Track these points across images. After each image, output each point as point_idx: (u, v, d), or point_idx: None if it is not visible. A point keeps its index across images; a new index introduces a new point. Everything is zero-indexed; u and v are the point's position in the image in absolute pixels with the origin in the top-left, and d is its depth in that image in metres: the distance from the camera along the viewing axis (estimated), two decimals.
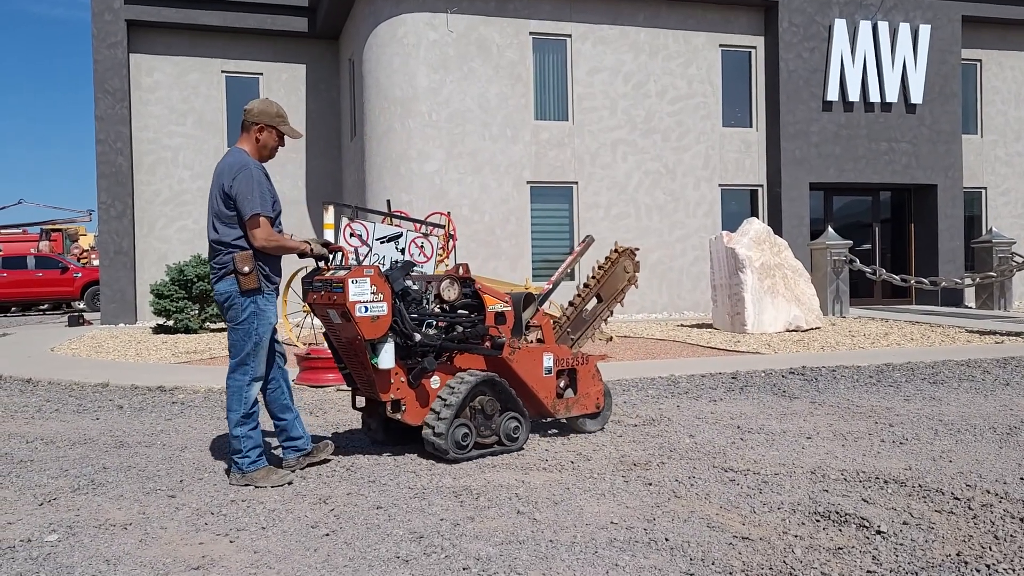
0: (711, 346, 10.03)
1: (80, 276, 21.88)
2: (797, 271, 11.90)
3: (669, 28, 15.16)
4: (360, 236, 7.85)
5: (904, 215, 17.03)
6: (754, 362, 8.46)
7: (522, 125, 14.44)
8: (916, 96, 15.86)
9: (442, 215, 10.08)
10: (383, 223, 8.61)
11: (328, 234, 7.54)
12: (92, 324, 15.57)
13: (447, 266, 8.79)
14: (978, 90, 17.41)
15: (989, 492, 3.72)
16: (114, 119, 15.33)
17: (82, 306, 21.99)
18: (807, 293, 11.82)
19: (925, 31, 15.87)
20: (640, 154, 15.01)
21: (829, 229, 14.65)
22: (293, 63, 16.57)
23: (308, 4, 15.93)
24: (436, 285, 4.74)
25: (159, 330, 12.86)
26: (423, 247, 8.18)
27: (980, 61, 17.35)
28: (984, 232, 16.48)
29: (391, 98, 14.00)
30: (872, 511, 3.49)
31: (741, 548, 3.10)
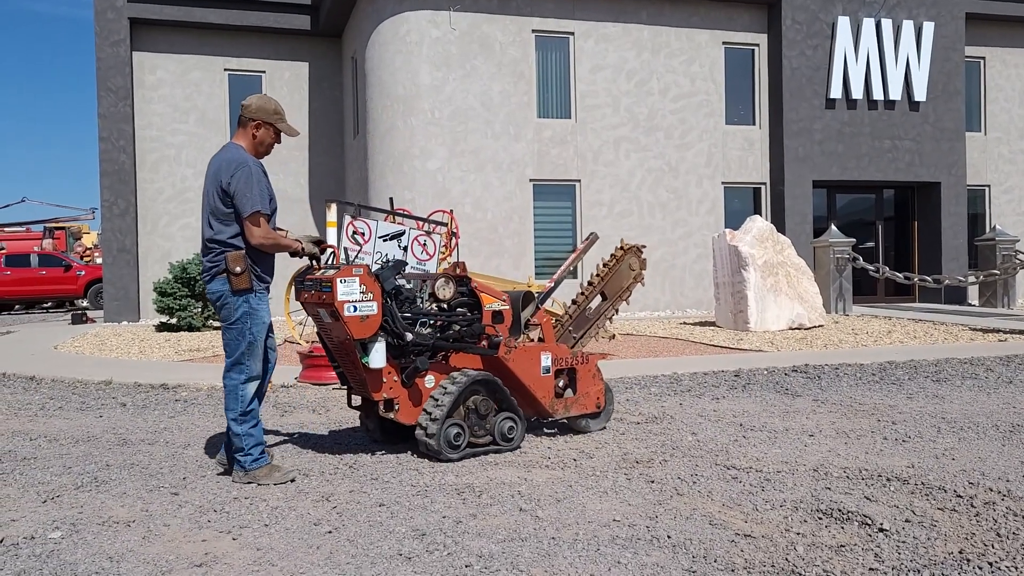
0: (714, 344, 10.02)
1: (83, 274, 21.93)
2: (800, 269, 11.88)
3: (672, 26, 15.14)
4: (363, 234, 7.85)
5: (907, 213, 17.00)
6: (757, 360, 8.45)
7: (525, 123, 14.43)
8: (920, 93, 15.82)
9: (445, 213, 10.09)
10: (386, 221, 8.62)
11: (331, 232, 7.54)
12: (95, 322, 15.60)
13: (449, 264, 8.79)
14: (982, 87, 17.37)
15: (992, 490, 3.72)
16: (117, 117, 15.35)
17: (85, 304, 22.03)
18: (810, 291, 11.80)
19: (929, 28, 15.83)
20: (643, 152, 15.00)
21: (832, 227, 14.63)
22: (296, 61, 16.58)
23: (311, 2, 15.93)
24: (431, 284, 4.71)
25: (162, 328, 12.88)
26: (426, 245, 8.19)
27: (984, 58, 17.31)
28: (988, 230, 16.45)
29: (394, 96, 13.99)
30: (874, 509, 3.49)
31: (743, 545, 3.10)
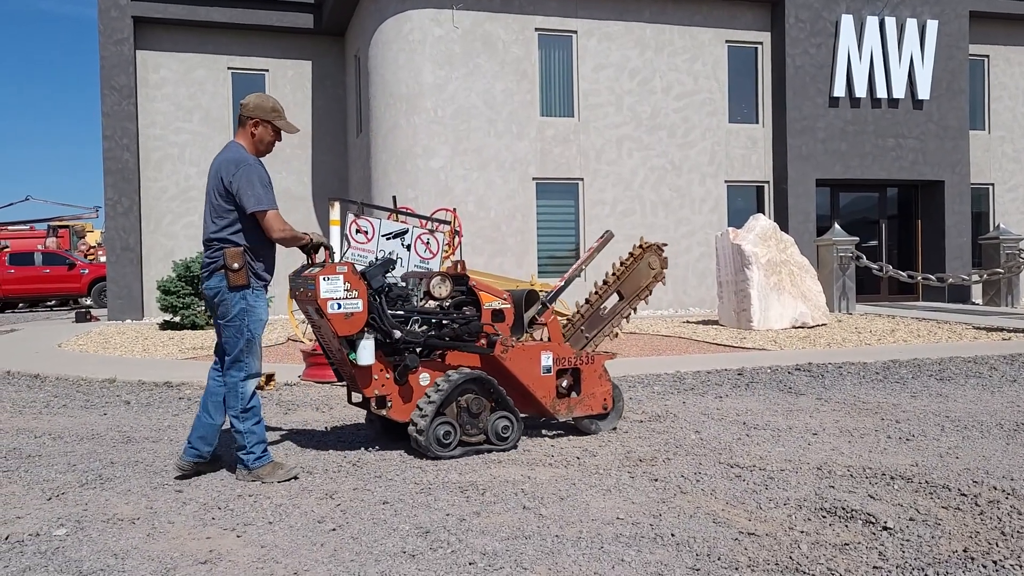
0: (717, 343, 10.01)
1: (87, 272, 21.97)
2: (803, 267, 11.87)
3: (675, 24, 15.12)
4: (366, 232, 7.85)
5: (911, 211, 16.97)
6: (760, 358, 8.44)
7: (527, 121, 14.42)
8: (923, 92, 15.79)
9: (448, 211, 10.09)
10: (389, 219, 8.62)
11: (334, 231, 7.55)
12: (99, 320, 15.63)
13: (451, 263, 8.79)
14: (986, 86, 17.33)
15: (996, 488, 3.71)
16: (121, 115, 15.37)
17: (89, 302, 22.07)
18: (813, 290, 11.79)
19: (932, 26, 15.80)
20: (646, 150, 14.99)
21: (835, 225, 14.61)
22: (299, 59, 16.58)
23: (314, 1, 15.93)
24: (426, 282, 4.70)
25: (166, 326, 12.90)
26: (429, 243, 8.18)
27: (988, 57, 17.27)
28: (991, 228, 16.41)
29: (396, 94, 13.99)
30: (878, 507, 3.49)
31: (747, 543, 3.10)
